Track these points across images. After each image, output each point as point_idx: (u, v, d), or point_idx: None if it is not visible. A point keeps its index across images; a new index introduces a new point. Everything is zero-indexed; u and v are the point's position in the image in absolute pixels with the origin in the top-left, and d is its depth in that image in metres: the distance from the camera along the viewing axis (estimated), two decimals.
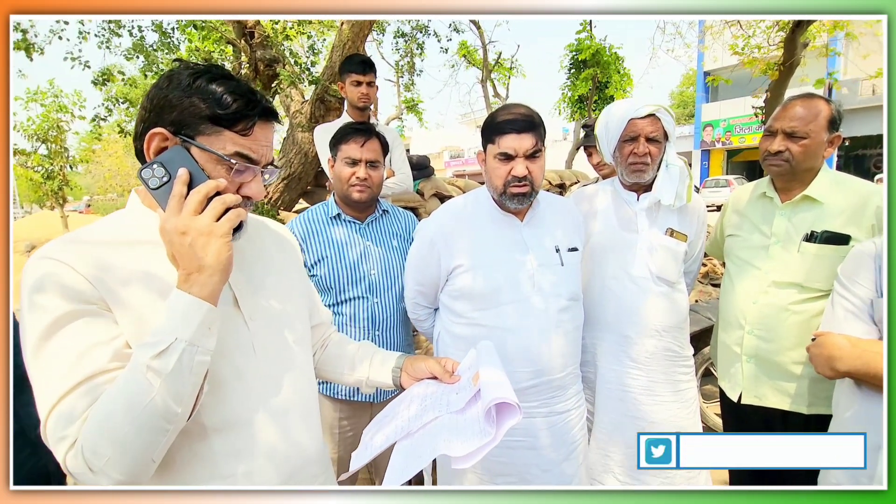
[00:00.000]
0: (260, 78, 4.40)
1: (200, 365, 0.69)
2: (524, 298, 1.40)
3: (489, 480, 1.45)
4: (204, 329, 0.69)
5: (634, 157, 1.56)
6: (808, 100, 1.52)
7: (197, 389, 0.71)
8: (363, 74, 2.46)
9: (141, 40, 4.56)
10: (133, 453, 0.67)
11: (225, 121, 0.74)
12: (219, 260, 0.70)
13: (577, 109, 11.51)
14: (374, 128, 1.69)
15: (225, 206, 0.72)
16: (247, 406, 0.82)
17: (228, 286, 0.84)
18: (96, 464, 0.65)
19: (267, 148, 0.80)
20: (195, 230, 0.69)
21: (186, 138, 0.74)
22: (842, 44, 9.58)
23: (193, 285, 0.69)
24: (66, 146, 11.79)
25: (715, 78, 7.28)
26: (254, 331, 0.86)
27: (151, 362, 0.66)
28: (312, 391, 0.98)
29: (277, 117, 0.82)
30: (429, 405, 0.92)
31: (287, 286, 0.98)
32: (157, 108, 0.75)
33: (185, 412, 0.70)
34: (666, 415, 1.57)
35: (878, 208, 1.45)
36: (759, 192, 1.67)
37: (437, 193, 4.33)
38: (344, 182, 1.63)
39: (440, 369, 1.02)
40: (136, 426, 0.66)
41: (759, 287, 1.58)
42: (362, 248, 1.67)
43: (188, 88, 0.74)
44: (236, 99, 0.74)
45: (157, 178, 0.72)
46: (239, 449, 0.81)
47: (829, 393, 1.40)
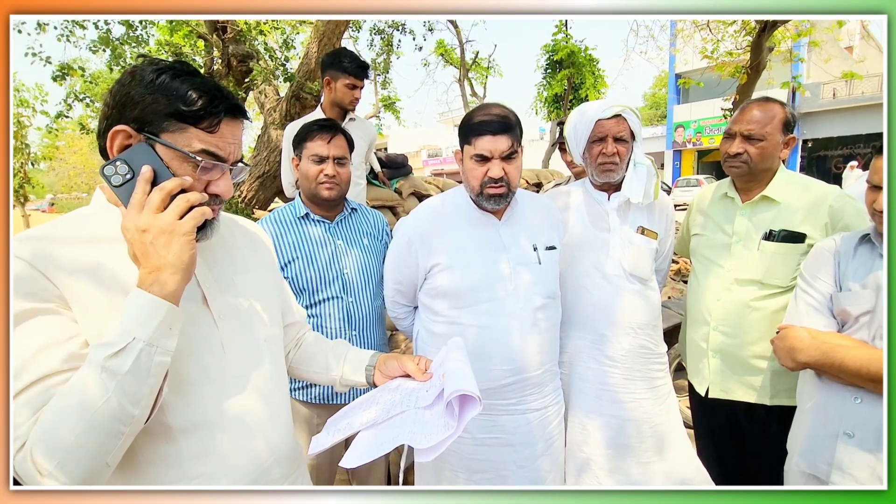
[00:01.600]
0: (233, 74, 4.30)
1: (159, 366, 0.67)
2: (501, 297, 1.41)
3: (466, 477, 1.45)
4: (164, 329, 0.67)
5: (603, 157, 1.59)
6: (763, 104, 1.58)
7: (156, 391, 0.69)
8: (360, 80, 2.41)
9: (107, 33, 4.40)
10: (85, 457, 0.64)
11: (190, 118, 0.73)
12: (180, 259, 0.69)
13: (553, 109, 11.65)
14: (339, 124, 1.67)
15: (189, 205, 0.71)
16: (214, 406, 0.81)
17: (197, 285, 0.83)
18: (46, 467, 0.63)
19: (235, 145, 0.79)
20: (156, 228, 0.68)
21: (150, 135, 0.72)
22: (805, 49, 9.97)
23: (154, 284, 0.68)
24: (28, 142, 11.29)
25: (686, 80, 7.46)
26: (223, 330, 0.85)
27: (107, 363, 0.64)
28: (283, 391, 0.97)
29: (245, 114, 0.81)
30: (398, 400, 0.93)
31: (258, 285, 0.96)
32: (119, 105, 0.73)
33: (142, 414, 0.68)
34: (639, 412, 1.61)
35: (830, 208, 1.52)
36: (720, 192, 1.73)
37: (415, 192, 4.31)
38: (312, 180, 1.60)
39: (413, 367, 1.02)
40: (89, 429, 0.63)
41: (723, 284, 1.63)
42: (333, 247, 1.65)
43: (151, 85, 0.72)
44: (201, 95, 0.73)
45: (120, 176, 0.71)
46: (206, 450, 0.80)
47: (791, 385, 1.46)
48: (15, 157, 11.04)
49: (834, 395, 1.20)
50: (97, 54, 4.36)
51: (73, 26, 4.32)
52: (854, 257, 1.25)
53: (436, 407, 0.88)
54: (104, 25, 4.40)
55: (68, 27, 4.32)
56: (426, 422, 0.84)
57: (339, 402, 1.65)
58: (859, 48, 17.84)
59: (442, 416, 0.84)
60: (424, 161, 31.87)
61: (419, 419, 0.85)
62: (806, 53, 12.06)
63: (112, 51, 4.32)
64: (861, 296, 1.19)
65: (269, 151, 4.23)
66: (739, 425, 1.68)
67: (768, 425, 1.59)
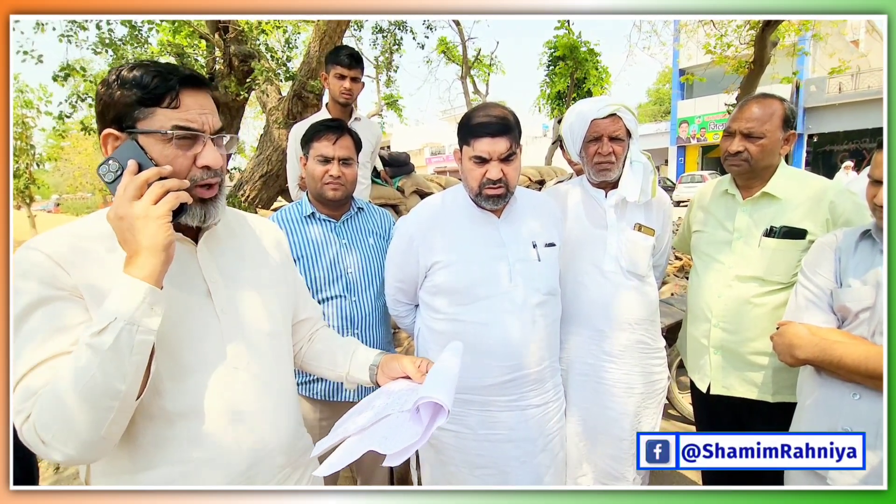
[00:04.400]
0: (235, 74, 4.31)
1: (142, 344, 0.71)
2: (501, 294, 1.42)
3: (469, 472, 1.47)
4: (145, 308, 0.71)
5: (599, 157, 1.60)
6: (762, 100, 1.57)
7: (142, 369, 0.73)
8: (348, 68, 2.39)
9: (109, 34, 4.41)
10: (79, 429, 0.70)
11: (150, 100, 0.78)
12: (155, 242, 0.73)
13: (556, 106, 11.62)
14: (345, 124, 1.67)
15: (164, 190, 0.75)
16: (210, 394, 0.85)
17: (202, 278, 0.88)
18: (46, 437, 0.70)
19: (206, 115, 0.83)
20: (131, 214, 0.73)
21: (130, 129, 0.78)
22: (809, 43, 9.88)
23: (134, 267, 0.72)
24: (33, 143, 11.36)
25: (689, 76, 7.42)
26: (224, 322, 0.88)
27: (91, 340, 0.69)
28: (285, 383, 1.00)
29: (205, 83, 0.85)
30: (389, 403, 0.93)
31: (264, 280, 0.99)
32: (100, 113, 0.80)
33: (130, 390, 0.72)
34: (635, 406, 1.62)
35: (831, 203, 1.51)
36: (721, 189, 1.73)
37: (417, 190, 4.32)
38: (317, 180, 1.61)
39: (412, 369, 1.03)
40: (80, 402, 0.68)
41: (724, 281, 1.63)
42: (338, 246, 1.66)
43: (115, 83, 0.78)
44: (153, 76, 0.78)
45: (112, 173, 0.78)
46: (198, 435, 0.84)
47: (793, 381, 1.45)
48: (21, 158, 11.10)
49: (833, 392, 1.20)
50: (100, 55, 4.38)
51: (75, 28, 4.33)
52: (855, 253, 1.25)
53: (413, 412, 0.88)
54: (106, 27, 4.41)
55: (71, 28, 4.34)
56: (400, 426, 0.84)
57: (340, 399, 1.66)
58: (865, 42, 17.68)
59: (411, 422, 0.85)
60: (427, 159, 31.85)
61: (396, 423, 0.86)
62: (811, 48, 11.96)
63: (114, 52, 4.34)
64: (861, 292, 1.19)
65: (272, 151, 4.24)
66: (742, 421, 1.68)
67: (771, 422, 1.59)
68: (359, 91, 2.52)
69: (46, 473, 2.36)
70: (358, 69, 2.44)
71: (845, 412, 1.17)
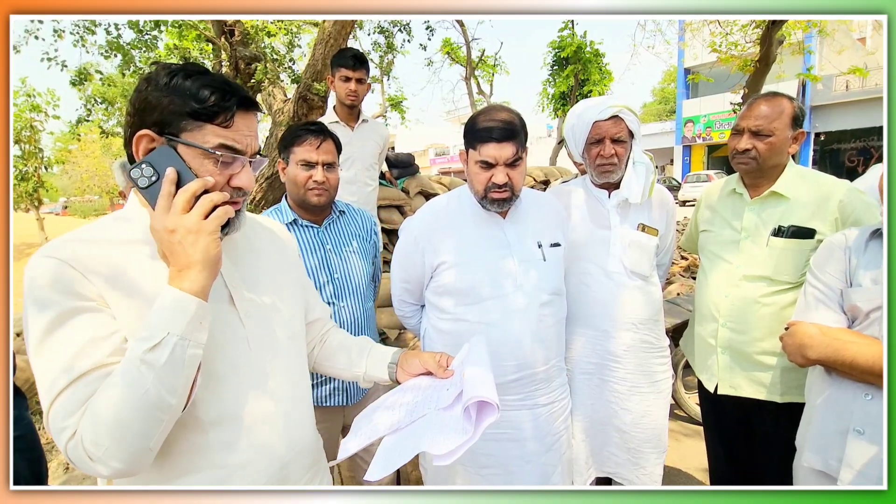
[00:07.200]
0: (240, 76, 4.34)
1: (193, 358, 0.72)
2: (507, 294, 1.42)
3: (475, 472, 1.47)
4: (195, 323, 0.71)
5: (601, 159, 1.59)
6: (771, 99, 1.56)
7: (191, 381, 0.73)
8: (353, 70, 2.40)
9: (117, 38, 4.45)
10: (130, 442, 0.69)
11: (204, 115, 0.76)
12: (207, 256, 0.73)
13: (559, 106, 11.59)
14: (327, 128, 1.63)
15: (213, 204, 0.75)
16: (241, 400, 0.85)
17: (224, 284, 0.87)
18: (95, 453, 0.68)
19: (251, 137, 0.82)
20: (184, 228, 0.72)
21: (171, 136, 0.76)
22: (816, 41, 9.81)
23: (184, 281, 0.72)
24: (41, 147, 11.47)
25: (695, 75, 7.38)
26: (248, 327, 0.88)
27: (145, 356, 0.68)
28: (305, 384, 1.00)
29: (257, 106, 0.84)
30: (420, 401, 0.94)
31: (280, 283, 0.99)
32: (139, 111, 0.77)
33: (179, 403, 0.72)
34: (642, 406, 1.62)
35: (840, 202, 1.50)
36: (729, 188, 1.72)
37: (422, 191, 4.32)
38: (300, 186, 1.56)
39: (434, 364, 1.04)
40: (133, 417, 0.68)
41: (731, 281, 1.62)
42: (322, 253, 1.62)
43: (166, 88, 0.75)
44: (213, 92, 0.76)
45: (147, 178, 0.75)
46: (233, 441, 0.83)
47: (801, 382, 1.44)
48: (29, 161, 11.22)
49: (844, 392, 1.19)
50: (108, 59, 4.43)
51: (84, 32, 4.38)
52: (865, 252, 1.23)
53: (455, 408, 0.88)
54: (114, 30, 4.45)
55: (80, 32, 4.39)
56: (445, 425, 0.85)
57: (334, 405, 1.65)
58: (872, 39, 17.53)
59: (460, 420, 0.85)
60: (432, 160, 31.88)
61: (439, 422, 0.86)
62: (817, 46, 11.86)
63: (123, 55, 4.38)
64: (872, 291, 1.18)
65: (277, 153, 4.25)
66: (750, 421, 1.67)
67: (778, 421, 1.57)
68: (365, 93, 2.52)
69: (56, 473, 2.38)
70: (363, 71, 2.45)
71: (857, 413, 1.15)
